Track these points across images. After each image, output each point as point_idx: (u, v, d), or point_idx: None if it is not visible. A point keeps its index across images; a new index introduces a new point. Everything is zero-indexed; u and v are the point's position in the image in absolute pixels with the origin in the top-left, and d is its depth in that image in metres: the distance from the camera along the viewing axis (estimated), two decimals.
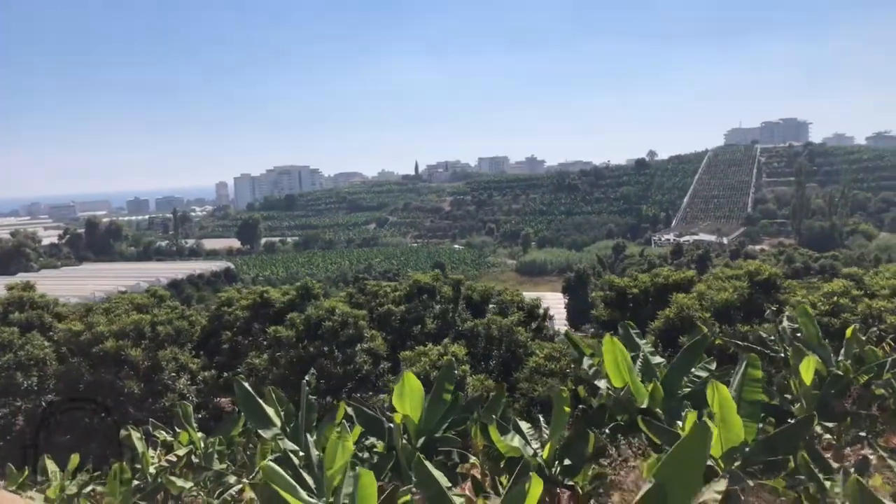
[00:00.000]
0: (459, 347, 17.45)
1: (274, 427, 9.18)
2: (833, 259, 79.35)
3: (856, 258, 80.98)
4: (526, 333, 19.37)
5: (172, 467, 10.38)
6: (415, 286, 22.51)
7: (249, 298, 20.76)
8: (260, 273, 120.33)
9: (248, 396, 9.31)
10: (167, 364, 17.91)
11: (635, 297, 18.20)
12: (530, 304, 23.06)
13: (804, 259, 76.15)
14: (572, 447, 8.61)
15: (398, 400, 9.00)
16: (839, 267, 72.55)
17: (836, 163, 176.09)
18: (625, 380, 9.06)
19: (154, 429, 11.96)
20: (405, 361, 17.23)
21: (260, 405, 9.28)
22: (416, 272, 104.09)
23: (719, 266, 65.45)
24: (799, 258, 76.42)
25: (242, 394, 9.31)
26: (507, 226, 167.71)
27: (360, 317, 18.16)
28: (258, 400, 9.37)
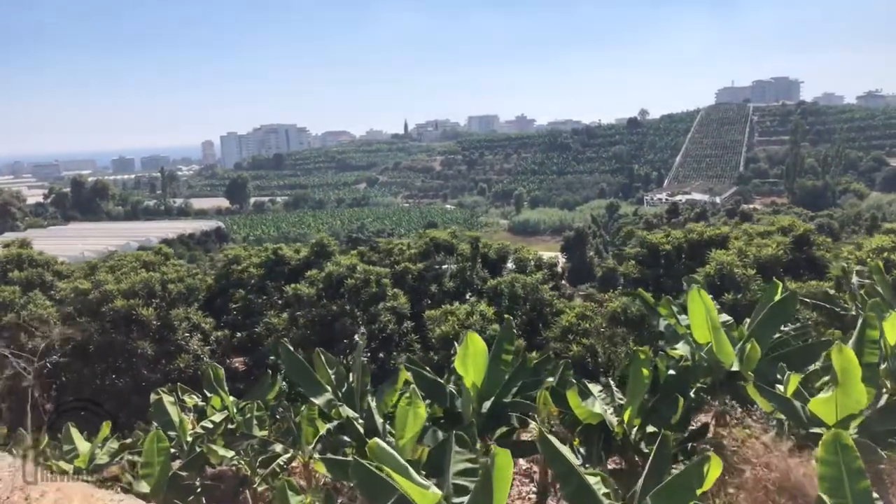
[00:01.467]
0: (488, 306, 16.75)
1: (326, 392, 8.45)
2: (829, 218, 79.01)
3: (852, 217, 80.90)
4: (551, 292, 18.69)
5: (210, 434, 9.66)
6: (431, 243, 21.69)
7: (262, 256, 19.87)
8: (251, 232, 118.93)
9: (296, 360, 8.56)
10: (180, 324, 17.10)
11: (668, 253, 17.50)
12: (549, 261, 22.32)
13: (802, 218, 75.75)
14: (658, 412, 7.94)
15: (461, 363, 8.26)
16: (835, 226, 72.30)
17: (828, 122, 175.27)
18: (708, 338, 8.36)
19: (182, 392, 11.22)
20: (431, 321, 16.51)
21: (309, 369, 8.54)
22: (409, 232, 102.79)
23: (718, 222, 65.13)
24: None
25: (289, 357, 8.56)
26: (499, 185, 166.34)
27: (382, 274, 17.37)
28: (306, 364, 8.62)
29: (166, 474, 8.36)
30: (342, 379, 8.78)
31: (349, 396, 8.42)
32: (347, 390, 8.52)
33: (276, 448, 8.78)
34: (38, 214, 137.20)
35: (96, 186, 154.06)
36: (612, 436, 8.00)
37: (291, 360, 8.47)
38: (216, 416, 9.87)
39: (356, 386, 8.30)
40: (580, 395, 8.07)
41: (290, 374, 8.53)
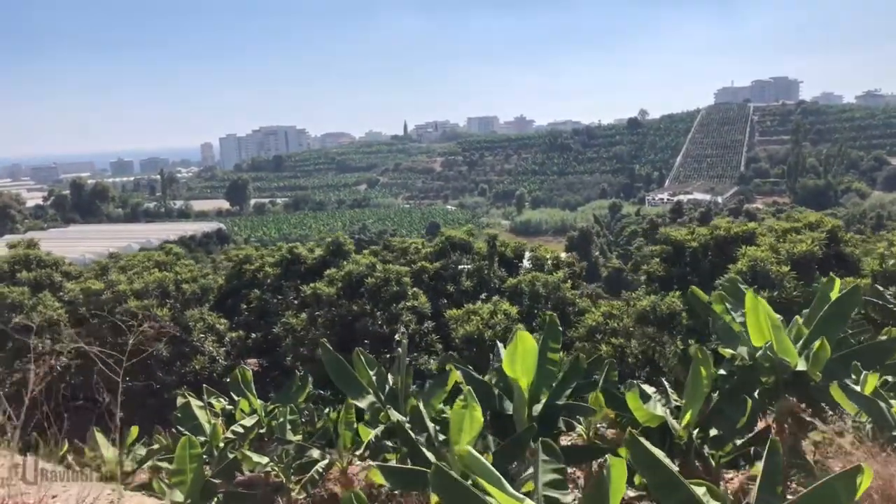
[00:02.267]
0: (511, 305, 16.33)
1: (368, 395, 8.02)
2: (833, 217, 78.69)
3: (857, 217, 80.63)
4: (574, 291, 18.27)
5: (241, 439, 9.24)
6: (447, 242, 21.27)
7: (277, 255, 19.45)
8: (252, 234, 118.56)
9: (337, 360, 8.12)
10: (195, 325, 16.67)
11: (694, 251, 17.09)
12: (567, 260, 21.92)
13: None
14: (722, 415, 7.52)
15: (509, 362, 7.83)
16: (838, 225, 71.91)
17: (828, 121, 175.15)
18: (766, 338, 7.93)
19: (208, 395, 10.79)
20: (453, 320, 16.09)
21: (350, 370, 8.11)
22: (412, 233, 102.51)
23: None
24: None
25: (331, 359, 8.12)
26: (500, 186, 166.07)
27: (402, 273, 16.94)
28: (348, 365, 8.19)
29: (200, 482, 7.93)
30: (383, 381, 8.35)
31: (392, 399, 7.99)
32: (390, 393, 8.09)
33: (314, 453, 8.33)
34: (37, 217, 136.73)
35: (96, 189, 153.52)
36: (671, 440, 7.57)
37: (332, 361, 8.03)
38: (246, 421, 9.45)
39: (400, 388, 7.87)
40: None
41: (333, 376, 8.08)
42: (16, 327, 18.32)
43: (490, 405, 7.97)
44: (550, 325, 8.67)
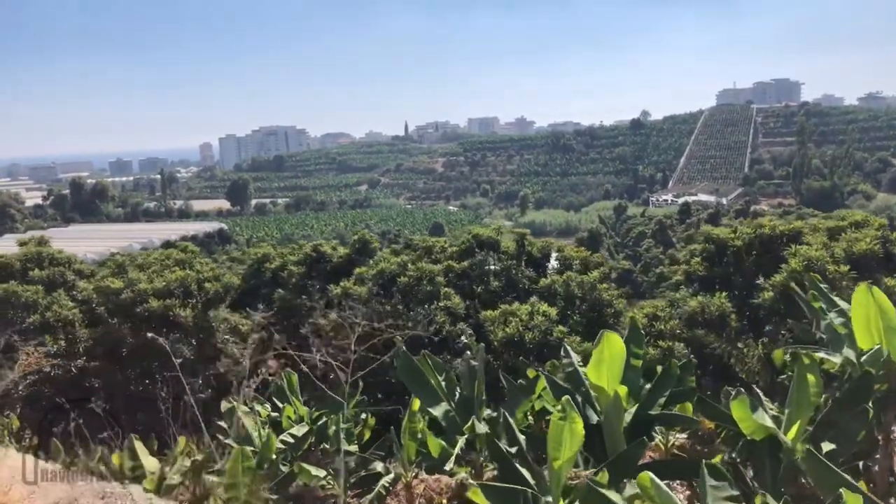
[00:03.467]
0: (550, 306, 15.64)
1: (442, 402, 7.32)
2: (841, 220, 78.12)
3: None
4: (613, 291, 17.59)
5: (294, 450, 8.51)
6: (474, 240, 20.54)
7: (300, 253, 18.75)
8: (254, 234, 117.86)
9: (412, 365, 7.43)
10: (218, 325, 15.98)
11: (737, 250, 16.43)
12: (596, 260, 21.22)
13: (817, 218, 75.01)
14: (837, 427, 6.82)
15: (595, 368, 7.14)
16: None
17: (831, 123, 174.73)
18: (874, 340, 7.23)
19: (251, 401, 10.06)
20: (490, 322, 15.39)
21: (424, 375, 7.41)
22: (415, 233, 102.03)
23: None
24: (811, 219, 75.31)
25: (406, 363, 7.42)
26: (502, 187, 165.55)
27: (435, 272, 16.26)
28: (421, 369, 7.49)
29: (256, 498, 7.21)
30: (453, 387, 7.66)
31: (465, 407, 7.29)
32: (461, 400, 7.39)
33: (377, 466, 7.62)
34: (37, 216, 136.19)
35: (96, 188, 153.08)
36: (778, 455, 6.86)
37: (408, 366, 7.34)
38: (297, 429, 8.73)
39: (475, 395, 7.17)
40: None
41: (407, 381, 7.39)
42: (30, 327, 17.64)
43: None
44: (633, 328, 7.96)
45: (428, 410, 7.14)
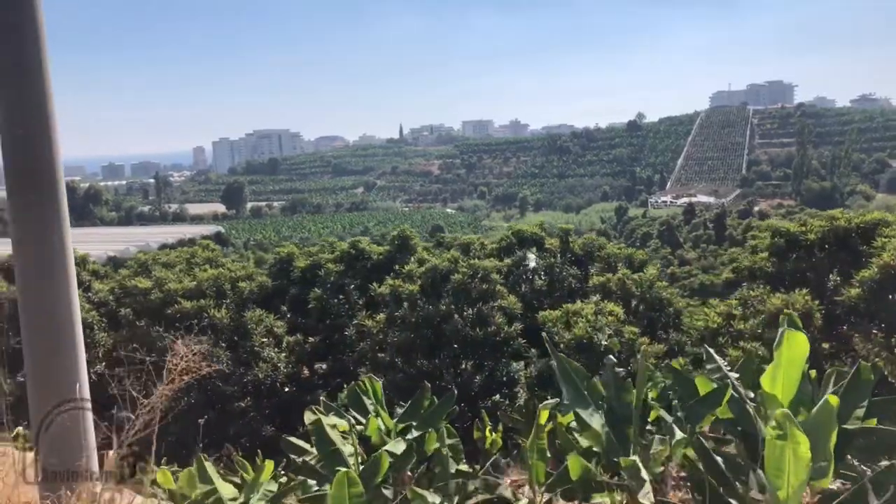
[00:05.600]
0: (616, 305, 14.51)
1: (590, 407, 6.15)
2: None
3: None
4: (672, 289, 16.52)
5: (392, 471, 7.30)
6: (514, 237, 19.42)
7: (338, 251, 17.55)
8: (251, 237, 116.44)
9: (569, 369, 6.22)
10: (255, 327, 14.76)
11: (809, 245, 15.38)
12: (641, 259, 20.12)
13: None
14: None
15: (771, 374, 5.99)
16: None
17: (827, 124, 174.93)
18: None
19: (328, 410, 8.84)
20: (551, 322, 14.24)
21: (580, 382, 6.22)
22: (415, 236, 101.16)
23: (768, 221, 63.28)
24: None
25: (564, 365, 6.21)
26: (499, 189, 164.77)
27: (490, 269, 15.10)
28: (571, 371, 6.29)
29: None
30: (596, 396, 6.47)
31: (614, 423, 6.11)
32: (609, 415, 6.20)
33: (505, 491, 6.43)
34: None
35: (89, 192, 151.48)
36: None
37: (565, 366, 6.14)
38: (394, 446, 7.51)
39: (635, 405, 5.99)
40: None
41: (564, 383, 6.17)
42: None
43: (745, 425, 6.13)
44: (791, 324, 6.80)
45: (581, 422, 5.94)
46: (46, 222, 3.52)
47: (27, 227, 3.47)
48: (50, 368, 3.71)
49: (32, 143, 3.32)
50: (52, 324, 3.68)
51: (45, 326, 3.64)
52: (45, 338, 3.65)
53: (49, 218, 3.51)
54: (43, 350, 3.69)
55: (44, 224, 3.51)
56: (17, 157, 3.34)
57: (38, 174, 3.40)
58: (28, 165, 3.40)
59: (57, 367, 3.76)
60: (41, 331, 3.64)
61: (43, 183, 3.41)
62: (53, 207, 3.49)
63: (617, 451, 5.97)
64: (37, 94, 3.38)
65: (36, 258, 3.51)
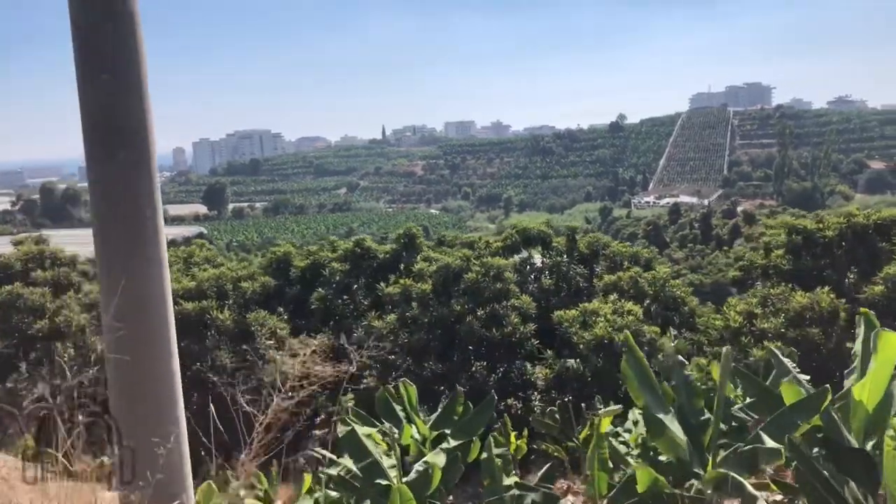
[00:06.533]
0: (635, 304, 14.08)
1: (669, 414, 5.67)
2: None
3: None
4: (685, 287, 16.13)
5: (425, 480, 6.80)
6: (520, 235, 18.94)
7: (340, 249, 16.94)
8: (233, 238, 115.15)
9: (640, 365, 5.74)
10: (259, 329, 14.13)
11: (829, 241, 15.08)
12: (647, 257, 19.75)
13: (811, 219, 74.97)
14: None
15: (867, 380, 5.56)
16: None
17: (806, 125, 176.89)
18: None
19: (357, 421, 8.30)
20: (568, 322, 13.78)
21: (651, 378, 5.73)
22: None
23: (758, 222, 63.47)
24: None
25: (634, 360, 5.72)
26: (483, 190, 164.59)
27: (504, 267, 14.63)
28: (648, 370, 5.80)
29: None
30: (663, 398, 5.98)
31: (693, 428, 5.64)
32: (687, 416, 5.73)
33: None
34: (5, 222, 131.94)
35: (67, 193, 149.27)
36: None
37: (636, 367, 5.67)
38: (435, 457, 6.99)
39: (716, 410, 5.52)
40: None
41: (635, 383, 5.69)
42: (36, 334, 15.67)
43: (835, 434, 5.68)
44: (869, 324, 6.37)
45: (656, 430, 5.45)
46: (137, 188, 2.85)
47: (113, 194, 2.81)
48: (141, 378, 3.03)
49: (120, 91, 2.70)
50: (142, 322, 3.03)
51: (136, 329, 2.96)
52: (136, 343, 2.99)
53: (141, 184, 2.85)
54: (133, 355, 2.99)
55: (134, 191, 2.85)
56: (101, 107, 2.70)
57: (128, 127, 2.74)
58: (114, 117, 2.73)
59: (148, 376, 3.10)
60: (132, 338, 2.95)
61: (134, 138, 2.76)
62: (145, 170, 2.83)
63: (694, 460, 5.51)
64: (122, 29, 2.73)
65: (124, 235, 2.89)
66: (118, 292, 2.87)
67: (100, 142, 2.70)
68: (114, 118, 2.69)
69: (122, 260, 2.92)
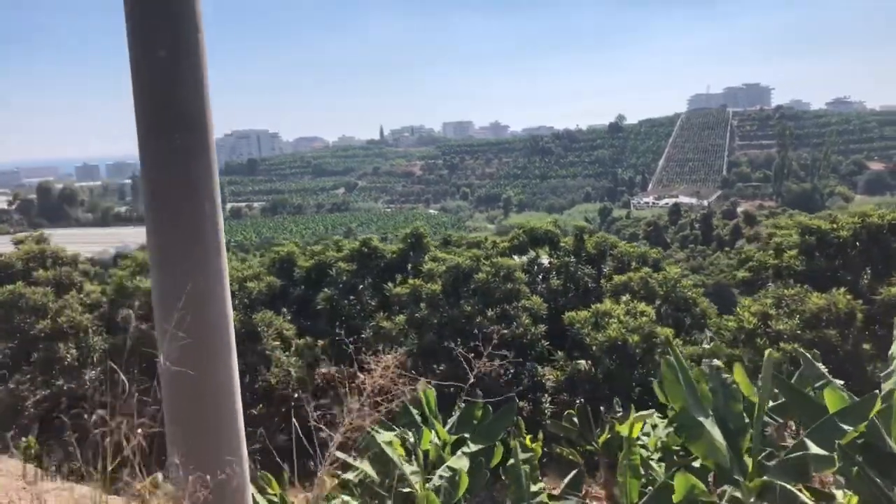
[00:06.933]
0: (647, 305, 13.89)
1: (709, 418, 5.44)
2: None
3: None
4: (696, 289, 15.94)
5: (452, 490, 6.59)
6: (527, 235, 18.76)
7: (346, 249, 16.73)
8: (231, 238, 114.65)
9: (678, 369, 5.50)
10: (265, 330, 13.92)
11: (843, 242, 14.87)
12: (655, 257, 19.57)
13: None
14: None
15: None
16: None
17: (806, 126, 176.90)
18: None
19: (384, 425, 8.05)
20: (580, 323, 13.58)
21: (691, 379, 5.49)
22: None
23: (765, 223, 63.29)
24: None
25: (672, 369, 5.50)
26: (482, 190, 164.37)
27: (514, 267, 14.42)
28: (688, 371, 5.56)
29: None
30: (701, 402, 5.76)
31: (732, 432, 5.42)
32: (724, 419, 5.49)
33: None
34: (2, 221, 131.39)
35: (64, 193, 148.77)
36: None
37: (673, 371, 5.43)
38: (457, 462, 6.78)
39: (755, 416, 5.29)
40: None
41: (669, 389, 5.46)
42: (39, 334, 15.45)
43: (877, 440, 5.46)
44: None
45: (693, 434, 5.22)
46: (195, 176, 2.58)
47: (168, 183, 2.55)
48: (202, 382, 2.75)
49: (178, 68, 2.47)
50: (203, 325, 2.75)
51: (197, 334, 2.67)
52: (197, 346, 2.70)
53: (199, 171, 2.59)
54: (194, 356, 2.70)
55: (191, 179, 2.59)
56: (157, 87, 2.47)
57: (185, 108, 2.50)
58: (171, 97, 2.49)
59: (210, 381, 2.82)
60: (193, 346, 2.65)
61: (192, 121, 2.52)
62: (205, 157, 2.58)
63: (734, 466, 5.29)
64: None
65: (180, 227, 2.64)
66: (175, 293, 2.63)
67: (155, 124, 2.45)
68: (171, 99, 2.45)
69: (181, 253, 2.68)
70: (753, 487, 5.03)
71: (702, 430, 5.23)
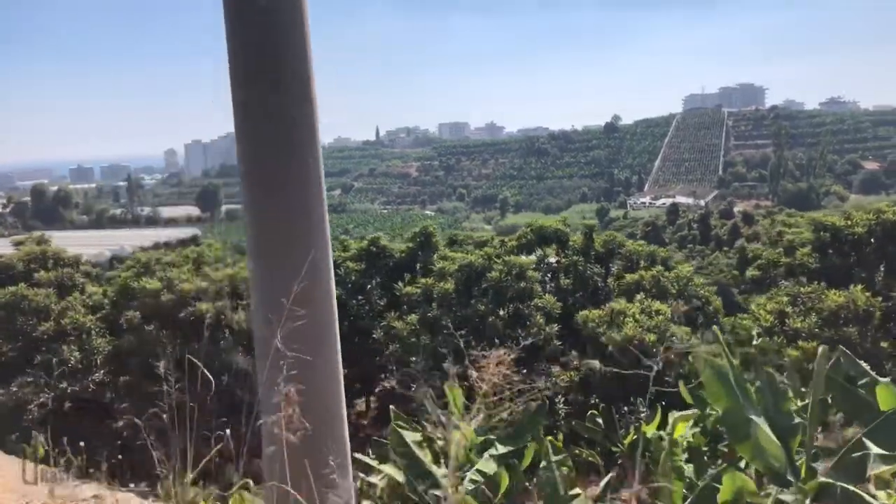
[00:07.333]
0: (662, 304, 13.70)
1: (760, 417, 5.23)
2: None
3: None
4: (709, 287, 15.78)
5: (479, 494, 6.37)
6: (535, 233, 18.55)
7: (353, 248, 16.51)
8: (228, 240, 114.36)
9: (720, 372, 5.28)
10: None
11: (856, 240, 14.71)
12: (663, 256, 19.41)
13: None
14: None
15: None
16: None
17: (800, 126, 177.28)
18: None
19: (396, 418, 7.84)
20: (594, 323, 13.38)
21: (739, 377, 5.27)
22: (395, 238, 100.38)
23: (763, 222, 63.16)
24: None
25: (712, 371, 5.28)
26: (478, 191, 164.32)
27: (526, 265, 14.23)
28: (739, 371, 5.34)
29: None
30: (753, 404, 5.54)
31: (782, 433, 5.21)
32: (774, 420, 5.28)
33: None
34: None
35: (58, 195, 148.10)
36: None
37: (716, 374, 5.21)
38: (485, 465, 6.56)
39: (810, 420, 5.08)
40: None
41: (710, 392, 5.24)
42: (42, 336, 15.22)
43: None
44: None
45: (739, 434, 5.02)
46: (295, 145, 2.31)
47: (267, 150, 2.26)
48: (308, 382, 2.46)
49: (279, 26, 2.22)
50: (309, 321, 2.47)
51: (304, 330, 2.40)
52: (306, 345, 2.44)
53: (301, 138, 2.31)
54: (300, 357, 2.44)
55: (292, 148, 2.31)
56: (256, 46, 2.22)
57: (285, 66, 2.25)
58: (270, 50, 2.23)
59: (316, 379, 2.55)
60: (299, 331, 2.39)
61: (292, 80, 2.26)
62: (307, 122, 2.31)
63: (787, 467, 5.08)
64: None
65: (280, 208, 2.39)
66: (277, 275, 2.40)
67: (253, 87, 2.21)
68: (271, 60, 2.20)
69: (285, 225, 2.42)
70: (812, 488, 4.84)
71: (749, 430, 5.03)
